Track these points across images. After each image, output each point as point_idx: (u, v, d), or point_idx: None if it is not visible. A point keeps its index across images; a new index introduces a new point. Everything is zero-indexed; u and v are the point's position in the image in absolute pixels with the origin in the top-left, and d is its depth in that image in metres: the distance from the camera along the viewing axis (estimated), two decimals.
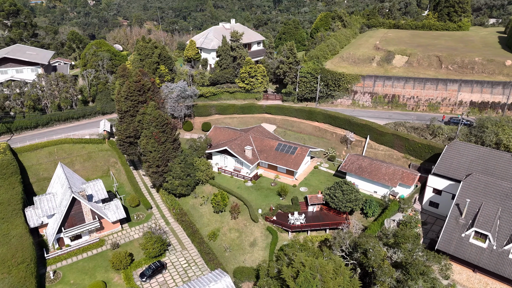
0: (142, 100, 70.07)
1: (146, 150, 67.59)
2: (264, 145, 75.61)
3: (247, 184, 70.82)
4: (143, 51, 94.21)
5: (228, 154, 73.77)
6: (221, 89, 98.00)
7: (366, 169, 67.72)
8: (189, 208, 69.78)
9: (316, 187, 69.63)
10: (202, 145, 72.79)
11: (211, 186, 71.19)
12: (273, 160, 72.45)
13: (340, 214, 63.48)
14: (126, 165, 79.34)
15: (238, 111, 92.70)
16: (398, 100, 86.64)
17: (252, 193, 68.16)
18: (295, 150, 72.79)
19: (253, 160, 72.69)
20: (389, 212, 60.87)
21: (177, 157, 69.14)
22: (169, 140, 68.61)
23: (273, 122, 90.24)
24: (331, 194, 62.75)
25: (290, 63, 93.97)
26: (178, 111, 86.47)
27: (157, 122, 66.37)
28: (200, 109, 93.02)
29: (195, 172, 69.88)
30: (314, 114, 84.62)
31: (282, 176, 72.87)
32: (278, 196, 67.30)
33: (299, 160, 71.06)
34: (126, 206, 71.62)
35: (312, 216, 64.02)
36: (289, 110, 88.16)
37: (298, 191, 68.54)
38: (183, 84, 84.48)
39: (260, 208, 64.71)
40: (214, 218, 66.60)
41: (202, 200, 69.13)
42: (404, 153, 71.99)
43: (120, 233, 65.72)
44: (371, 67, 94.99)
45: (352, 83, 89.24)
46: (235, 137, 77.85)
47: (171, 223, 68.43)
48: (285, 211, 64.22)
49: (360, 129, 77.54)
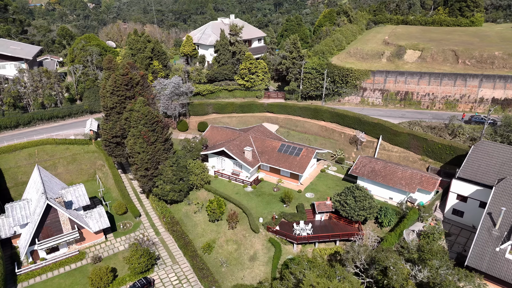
0: (129, 96, 63.02)
1: (133, 151, 60.42)
2: (265, 146, 68.43)
3: (246, 190, 63.55)
4: (135, 45, 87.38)
5: (226, 156, 66.61)
6: (219, 87, 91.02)
7: (380, 172, 60.47)
8: (182, 216, 62.46)
9: (323, 192, 62.35)
10: (197, 146, 65.59)
11: (206, 192, 63.90)
12: (275, 163, 65.24)
13: (352, 223, 56.16)
14: (113, 168, 72.12)
15: (237, 109, 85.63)
16: (412, 97, 79.47)
17: (252, 200, 60.88)
18: (300, 151, 65.58)
19: (254, 162, 65.48)
20: (408, 222, 53.53)
21: (169, 159, 61.95)
22: (160, 140, 61.46)
23: (275, 121, 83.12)
24: (341, 201, 55.47)
25: (294, 58, 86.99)
26: (171, 109, 79.40)
27: (146, 120, 59.28)
28: (196, 108, 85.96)
29: (188, 176, 62.65)
30: (320, 113, 77.48)
31: (285, 180, 65.60)
32: (281, 203, 60.01)
33: (305, 162, 63.81)
34: (112, 213, 64.38)
35: (320, 225, 56.70)
36: (293, 109, 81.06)
37: (303, 198, 61.24)
38: (177, 79, 77.49)
39: (261, 216, 57.39)
40: (210, 227, 59.26)
41: (196, 207, 61.84)
42: (422, 155, 64.72)
43: (103, 244, 58.39)
44: (381, 63, 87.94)
45: (361, 79, 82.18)
46: (233, 137, 70.71)
47: (161, 233, 61.08)
48: (289, 220, 56.90)
49: (371, 128, 70.34)
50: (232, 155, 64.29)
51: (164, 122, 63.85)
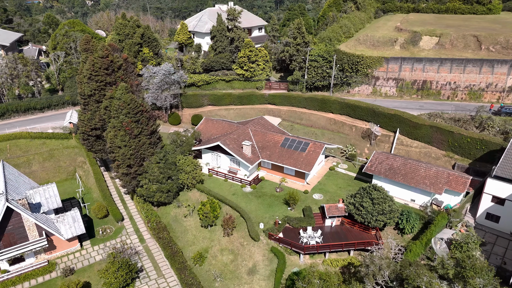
0: (110, 81, 54.77)
1: (114, 145, 52.15)
2: (267, 140, 60.15)
3: (245, 190, 55.28)
4: (123, 30, 79.11)
5: (222, 151, 58.37)
6: (216, 77, 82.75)
7: (399, 170, 52.18)
8: (170, 220, 54.18)
9: (333, 193, 54.08)
10: (188, 140, 57.28)
11: (198, 192, 55.62)
12: (278, 159, 56.96)
13: (368, 229, 47.89)
14: (95, 165, 63.81)
15: (236, 101, 77.37)
16: (430, 86, 71.15)
17: (252, 202, 52.63)
18: (306, 146, 57.27)
19: (253, 159, 57.21)
20: (436, 228, 45.25)
21: (155, 154, 53.69)
22: (145, 133, 53.19)
23: (277, 114, 74.86)
24: (356, 203, 47.17)
25: (298, 44, 78.63)
26: (161, 100, 71.13)
27: (128, 109, 51.02)
28: (190, 99, 77.71)
29: (178, 174, 54.39)
30: (328, 104, 69.17)
31: (289, 179, 57.32)
32: (285, 205, 51.74)
33: (312, 159, 55.52)
34: (91, 217, 56.15)
35: (330, 232, 48.42)
36: (297, 100, 72.79)
37: (311, 199, 52.97)
38: (168, 66, 69.21)
39: (261, 221, 49.11)
40: (202, 234, 50.98)
41: (186, 210, 53.56)
42: (446, 150, 56.41)
43: (78, 253, 50.11)
44: (394, 50, 79.59)
45: (373, 68, 73.88)
46: (230, 131, 62.46)
47: (146, 240, 52.81)
48: (295, 225, 48.61)
49: (387, 120, 62.05)
50: (229, 150, 56.06)
51: (150, 112, 55.60)
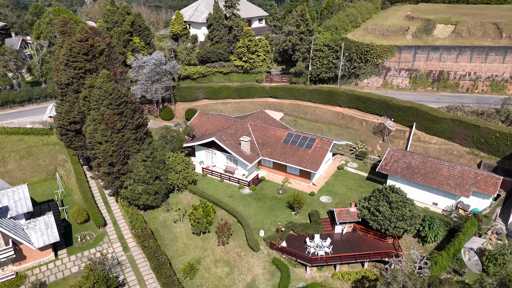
0: (90, 69, 48.43)
1: (93, 140, 45.83)
2: (268, 136, 53.82)
3: (243, 192, 48.94)
4: (111, 18, 72.79)
5: (217, 148, 52.07)
6: (213, 69, 76.40)
7: (418, 169, 45.84)
8: (158, 226, 47.85)
9: (343, 196, 47.75)
10: (180, 136, 50.91)
11: (190, 194, 49.29)
12: (280, 157, 50.64)
13: (385, 237, 41.54)
14: (76, 163, 57.50)
15: (234, 94, 71.07)
16: (448, 78, 64.75)
17: (251, 205, 46.28)
18: (312, 142, 50.93)
19: (252, 156, 50.88)
20: (465, 237, 38.93)
21: (141, 151, 47.37)
22: (130, 127, 46.89)
23: (279, 108, 68.53)
24: (371, 207, 40.82)
25: (301, 33, 72.29)
26: (152, 93, 64.77)
27: (110, 100, 44.72)
28: (184, 92, 71.39)
29: (167, 173, 48.05)
30: (335, 96, 62.81)
31: (293, 179, 51.00)
32: (288, 209, 45.41)
33: (319, 156, 49.16)
34: (70, 222, 49.87)
35: (341, 240, 42.07)
36: (301, 92, 66.45)
37: (317, 202, 46.63)
38: (159, 55, 62.86)
39: (262, 228, 42.77)
40: (193, 242, 44.62)
41: (177, 215, 47.24)
42: (471, 147, 50.05)
43: (51, 264, 43.79)
44: (405, 40, 73.13)
45: (383, 57, 67.51)
46: (227, 125, 56.17)
47: (131, 249, 46.47)
48: (300, 233, 42.26)
49: (402, 114, 55.71)
50: (225, 147, 49.73)
51: (136, 104, 49.30)
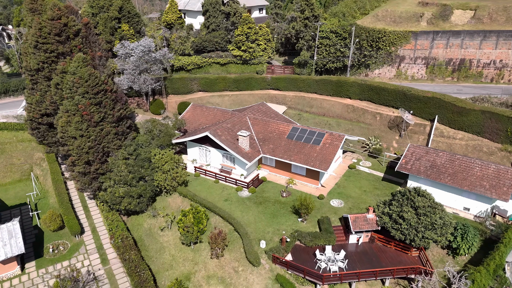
0: (64, 52, 41.89)
1: (66, 135, 39.34)
2: (269, 130, 47.28)
3: (241, 194, 42.40)
4: (96, 2, 66.27)
5: (212, 144, 45.55)
6: (209, 59, 69.82)
7: (445, 169, 39.31)
8: (143, 234, 41.33)
9: (357, 199, 41.20)
10: (168, 130, 44.31)
11: (180, 198, 42.76)
12: (284, 155, 44.09)
13: (409, 249, 35.02)
14: (53, 162, 50.98)
15: (231, 86, 64.52)
16: (470, 66, 58.21)
17: (250, 210, 39.74)
18: (320, 137, 44.38)
19: (252, 154, 44.34)
20: (506, 249, 32.41)
21: (123, 148, 40.86)
22: (109, 119, 40.39)
23: (282, 101, 61.99)
24: (393, 214, 34.28)
25: (306, 18, 65.82)
26: (140, 84, 58.21)
27: (86, 87, 38.22)
28: (176, 84, 64.84)
29: (152, 173, 41.52)
30: (345, 87, 56.21)
31: (299, 180, 44.45)
32: (294, 215, 38.87)
33: (329, 153, 42.60)
34: (43, 229, 43.35)
35: (357, 253, 35.53)
36: (306, 83, 59.88)
37: (328, 207, 40.09)
38: (147, 42, 56.34)
39: (263, 238, 36.24)
40: (183, 254, 38.08)
41: (164, 222, 40.73)
42: (503, 143, 43.48)
43: (16, 280, 37.30)
44: (419, 27, 66.49)
45: (397, 45, 60.98)
46: (223, 119, 49.65)
47: (110, 261, 39.94)
48: (308, 244, 35.73)
49: (422, 106, 49.14)
50: (220, 142, 43.20)
51: (119, 93, 42.81)
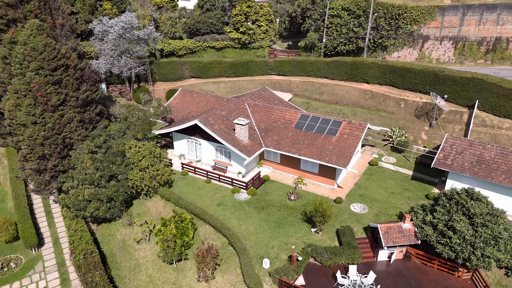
0: (16, 18, 33.42)
1: (15, 122, 30.92)
2: (273, 119, 38.84)
3: (238, 197, 33.93)
4: None
5: (203, 136, 37.13)
6: (203, 43, 61.44)
7: (497, 165, 30.91)
8: (115, 248, 32.87)
9: (384, 203, 32.76)
10: (147, 117, 35.76)
11: (163, 201, 34.30)
12: (292, 148, 35.62)
13: (459, 269, 26.57)
14: (14, 157, 42.57)
15: (228, 71, 56.13)
16: (507, 46, 49.78)
17: (249, 218, 31.27)
18: (337, 126, 35.92)
19: (252, 147, 35.90)
20: None
21: (89, 138, 32.43)
22: (72, 103, 31.99)
23: (287, 87, 53.54)
24: (439, 223, 25.84)
25: None
26: (121, 66, 49.74)
27: (40, 62, 29.81)
28: (165, 69, 56.44)
29: (127, 171, 33.06)
30: (362, 70, 47.70)
31: (310, 179, 36.00)
32: (306, 224, 30.40)
33: (348, 146, 34.14)
34: None
35: (389, 274, 27.05)
36: (316, 66, 51.42)
37: (347, 213, 31.64)
38: (128, 17, 47.84)
39: (266, 255, 27.75)
40: (163, 275, 29.60)
41: (141, 232, 32.28)
42: None
43: None
44: (443, 3, 58.22)
45: (420, 22, 52.57)
46: (218, 106, 41.21)
47: (72, 282, 31.46)
48: (326, 262, 27.25)
49: (458, 89, 40.70)
50: (212, 133, 34.76)
51: (86, 72, 34.39)
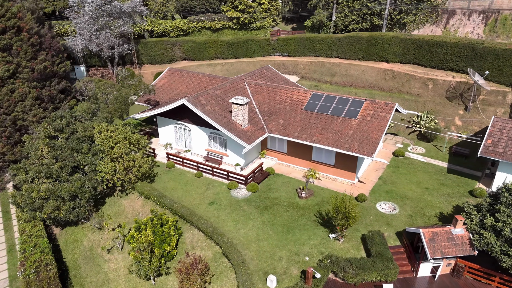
0: None
1: None
2: (278, 100, 32.09)
3: (236, 194, 27.14)
4: None
5: (194, 121, 30.41)
6: (197, 23, 54.79)
7: None
8: (80, 258, 26.14)
9: (418, 201, 26.02)
10: (122, 94, 28.95)
11: (141, 199, 27.56)
12: (302, 133, 28.82)
13: None
14: None
15: (225, 52, 49.41)
16: None
17: (250, 220, 24.50)
18: (357, 107, 29.14)
19: (252, 133, 29.13)
20: None
21: (46, 120, 25.72)
22: (26, 75, 25.27)
23: (292, 69, 46.77)
24: (505, 229, 19.02)
25: None
26: (100, 42, 42.99)
27: None
28: (153, 50, 49.74)
29: (95, 161, 26.31)
30: (380, 46, 40.87)
31: (324, 172, 29.24)
32: (321, 228, 23.64)
33: (374, 130, 27.34)
34: None
35: None
36: (326, 44, 44.62)
37: (374, 213, 24.88)
38: None
39: (272, 270, 20.99)
40: None
41: (112, 238, 25.55)
42: None
43: None
44: None
45: None
46: (211, 87, 34.44)
47: None
48: (351, 280, 20.48)
49: (501, 65, 33.92)
50: (204, 115, 28.02)
51: (46, 38, 27.71)
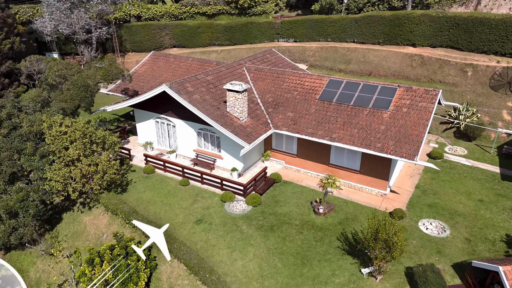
0: None
1: None
2: (285, 88, 25.58)
3: (231, 209, 20.56)
4: None
5: (179, 115, 23.90)
6: (191, 8, 48.30)
7: None
8: None
9: (474, 218, 19.45)
10: (83, 78, 22.39)
11: (108, 216, 21.00)
12: (316, 129, 22.25)
13: None
14: None
15: (221, 38, 42.90)
16: None
17: (250, 246, 17.93)
18: (389, 95, 22.60)
19: (252, 128, 22.58)
20: None
21: None
22: None
23: (299, 56, 40.20)
24: None
25: None
26: (72, 24, 36.49)
27: None
28: (138, 35, 43.24)
29: (43, 165, 19.77)
30: (406, 27, 34.29)
31: (345, 180, 22.65)
32: (348, 257, 17.06)
33: (415, 124, 20.78)
34: None
35: None
36: (339, 26, 38.02)
37: (417, 235, 18.26)
38: None
39: None
40: None
41: (67, 266, 18.99)
42: None
43: None
44: None
45: None
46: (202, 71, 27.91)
47: None
48: None
49: None
50: (190, 105, 21.51)
51: None
